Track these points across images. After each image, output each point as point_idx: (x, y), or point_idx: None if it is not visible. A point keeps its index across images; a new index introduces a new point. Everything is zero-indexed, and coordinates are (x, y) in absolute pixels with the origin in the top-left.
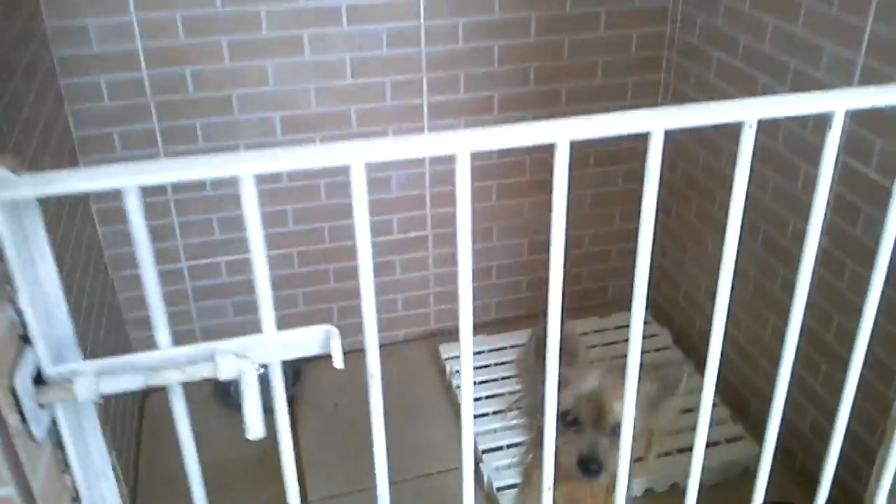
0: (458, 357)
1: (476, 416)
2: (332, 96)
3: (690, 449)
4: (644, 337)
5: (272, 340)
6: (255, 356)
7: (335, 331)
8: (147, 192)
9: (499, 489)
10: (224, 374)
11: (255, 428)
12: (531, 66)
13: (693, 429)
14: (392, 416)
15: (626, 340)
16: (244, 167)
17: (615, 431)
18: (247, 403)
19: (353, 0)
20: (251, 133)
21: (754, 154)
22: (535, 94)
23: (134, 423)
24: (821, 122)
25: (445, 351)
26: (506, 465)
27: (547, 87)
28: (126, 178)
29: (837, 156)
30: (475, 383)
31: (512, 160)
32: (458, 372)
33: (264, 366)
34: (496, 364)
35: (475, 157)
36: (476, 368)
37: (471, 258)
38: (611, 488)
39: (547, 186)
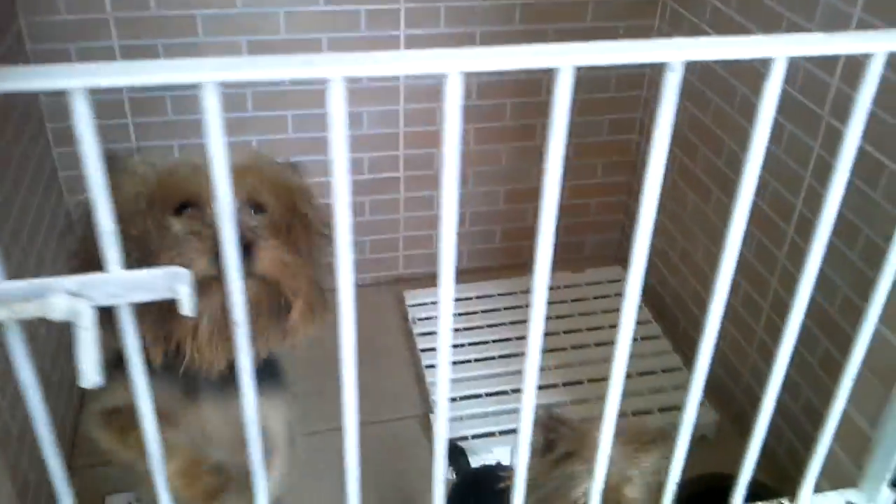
0: (422, 304)
1: (434, 367)
2: (302, 22)
3: (661, 410)
4: (612, 282)
5: (115, 280)
6: (95, 297)
7: (185, 274)
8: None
9: (450, 441)
10: (56, 314)
11: (89, 375)
12: (517, 3)
13: (672, 410)
14: None
15: (596, 297)
16: (73, 81)
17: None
18: (80, 348)
19: None
20: (216, 57)
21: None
22: (520, 32)
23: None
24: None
25: (410, 297)
26: (458, 417)
27: (533, 27)
28: None
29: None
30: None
31: (491, 103)
32: (420, 319)
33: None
34: (461, 314)
35: None
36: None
37: (349, 206)
38: None
39: (527, 132)
